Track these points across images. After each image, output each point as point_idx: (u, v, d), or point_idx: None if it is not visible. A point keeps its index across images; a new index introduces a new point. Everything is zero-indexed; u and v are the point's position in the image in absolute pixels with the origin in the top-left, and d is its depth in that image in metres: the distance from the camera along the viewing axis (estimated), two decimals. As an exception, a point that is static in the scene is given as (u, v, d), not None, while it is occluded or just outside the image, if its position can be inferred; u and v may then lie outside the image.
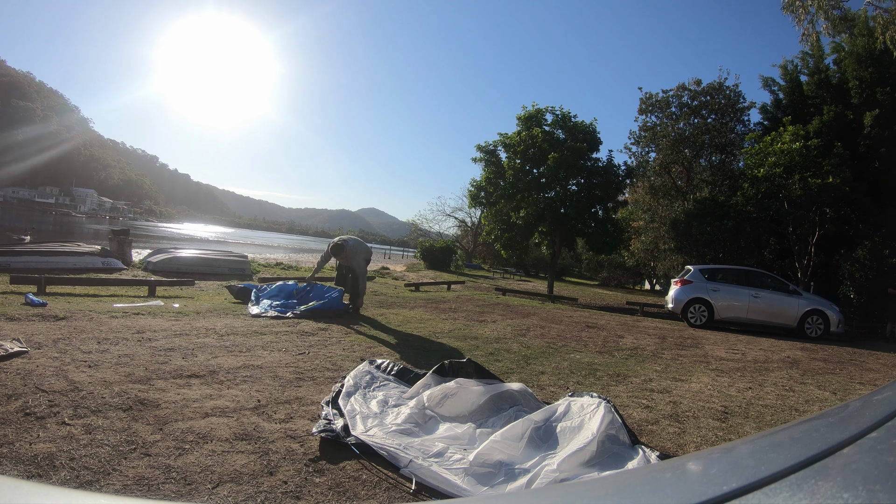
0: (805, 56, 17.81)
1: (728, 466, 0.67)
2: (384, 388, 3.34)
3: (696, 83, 19.36)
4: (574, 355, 5.38)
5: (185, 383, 3.16)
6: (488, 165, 17.79)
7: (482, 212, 21.45)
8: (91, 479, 1.93)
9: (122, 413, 2.58)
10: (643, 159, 20.87)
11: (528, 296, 13.70)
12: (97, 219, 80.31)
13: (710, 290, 10.21)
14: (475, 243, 35.68)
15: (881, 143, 14.61)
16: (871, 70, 15.19)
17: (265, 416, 2.75)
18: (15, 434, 2.23)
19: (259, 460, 2.20)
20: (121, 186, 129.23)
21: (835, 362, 6.71)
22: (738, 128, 19.29)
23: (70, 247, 10.75)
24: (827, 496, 0.45)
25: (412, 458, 2.32)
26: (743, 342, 7.94)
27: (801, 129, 14.14)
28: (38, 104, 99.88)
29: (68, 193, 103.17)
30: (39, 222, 43.64)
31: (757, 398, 4.26)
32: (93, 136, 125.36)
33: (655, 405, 3.72)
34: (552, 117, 17.25)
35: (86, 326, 4.53)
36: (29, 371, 3.09)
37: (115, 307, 5.74)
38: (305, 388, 3.33)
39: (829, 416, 0.84)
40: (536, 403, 3.12)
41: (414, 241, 35.75)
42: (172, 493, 1.89)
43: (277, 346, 4.44)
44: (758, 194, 14.45)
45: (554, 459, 2.34)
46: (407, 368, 3.73)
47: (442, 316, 7.51)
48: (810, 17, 8.98)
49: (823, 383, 5.20)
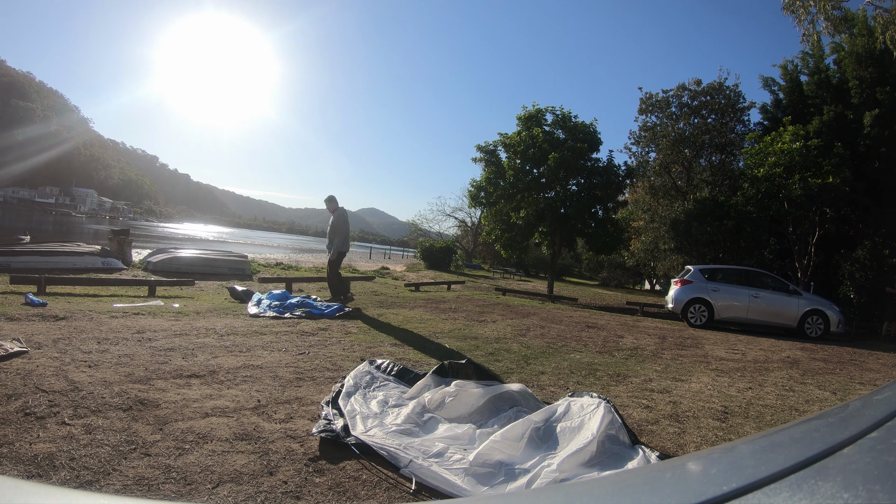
0: (805, 56, 17.83)
1: (728, 466, 0.67)
2: (384, 389, 3.34)
3: (696, 83, 19.35)
4: (574, 355, 5.38)
5: (185, 383, 3.16)
6: (488, 165, 17.79)
7: (482, 212, 21.44)
8: (91, 479, 1.93)
9: (122, 413, 2.58)
10: (643, 159, 20.86)
11: (528, 296, 13.70)
12: (97, 219, 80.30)
13: (710, 290, 10.21)
14: (475, 243, 35.68)
15: (881, 143, 14.61)
16: (870, 70, 15.19)
17: (265, 416, 2.75)
18: (15, 434, 2.23)
19: (259, 460, 2.20)
20: (121, 186, 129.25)
21: (835, 362, 6.71)
22: (738, 128, 19.29)
23: (70, 247, 10.75)
24: (827, 496, 0.45)
25: (412, 458, 2.32)
26: (743, 342, 7.94)
27: (801, 129, 14.13)
28: (38, 104, 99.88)
29: (68, 193, 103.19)
30: (39, 222, 43.66)
31: (757, 398, 4.26)
32: (93, 136, 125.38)
33: (655, 405, 3.72)
34: (552, 117, 17.25)
35: (86, 326, 4.53)
36: (29, 371, 3.09)
37: (115, 307, 5.74)
38: (305, 388, 3.33)
39: (829, 416, 0.84)
40: (536, 404, 3.12)
41: (414, 241, 35.75)
42: (172, 493, 1.89)
43: (277, 346, 4.44)
44: (758, 194, 14.45)
45: (554, 459, 2.34)
46: (407, 369, 3.73)
47: (442, 316, 7.51)
48: (811, 18, 8.99)
49: (823, 383, 5.20)
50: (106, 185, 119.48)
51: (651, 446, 2.76)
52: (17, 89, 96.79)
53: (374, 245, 59.40)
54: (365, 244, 63.02)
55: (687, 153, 19.75)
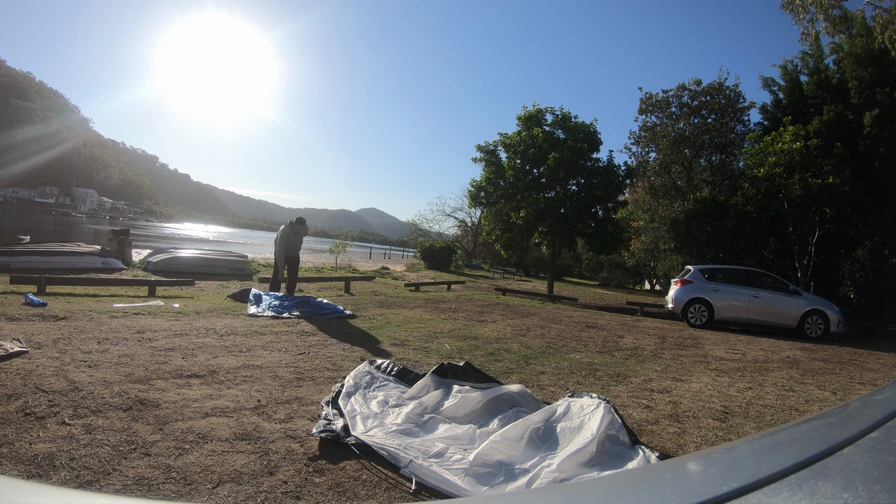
0: (805, 56, 17.82)
1: (728, 466, 0.67)
2: (384, 389, 3.34)
3: (696, 83, 19.34)
4: (574, 355, 5.38)
5: (185, 383, 3.16)
6: (488, 165, 17.78)
7: (482, 212, 21.42)
8: (91, 479, 1.93)
9: (122, 413, 2.58)
10: (643, 159, 20.85)
11: (528, 296, 13.70)
12: (97, 219, 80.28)
13: (710, 290, 10.21)
14: (475, 243, 35.67)
15: (881, 143, 14.61)
16: (870, 70, 15.19)
17: (265, 416, 2.75)
18: (15, 434, 2.23)
19: (259, 460, 2.20)
20: (121, 186, 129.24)
21: (835, 362, 6.71)
22: (738, 128, 19.28)
23: (70, 247, 10.75)
24: (827, 496, 0.45)
25: (412, 458, 2.32)
26: (743, 342, 7.94)
27: (801, 129, 14.13)
28: (38, 104, 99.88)
29: (68, 193, 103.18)
30: (39, 222, 43.62)
31: (757, 398, 4.26)
32: (93, 136, 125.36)
33: (655, 405, 3.72)
34: (552, 117, 17.25)
35: (86, 326, 4.53)
36: (29, 371, 3.09)
37: (115, 307, 5.74)
38: (305, 388, 3.33)
39: (829, 416, 0.84)
40: (536, 404, 3.12)
41: (414, 241, 35.70)
42: (172, 493, 1.89)
43: (277, 346, 4.44)
44: (758, 194, 14.44)
45: (554, 460, 2.34)
46: (407, 369, 3.73)
47: (442, 316, 7.51)
48: (810, 17, 9.00)
49: (823, 383, 5.20)
50: (106, 185, 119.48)
51: (651, 446, 2.76)
52: (17, 89, 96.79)
53: (374, 245, 59.34)
54: (365, 244, 62.97)
55: (687, 153, 19.74)
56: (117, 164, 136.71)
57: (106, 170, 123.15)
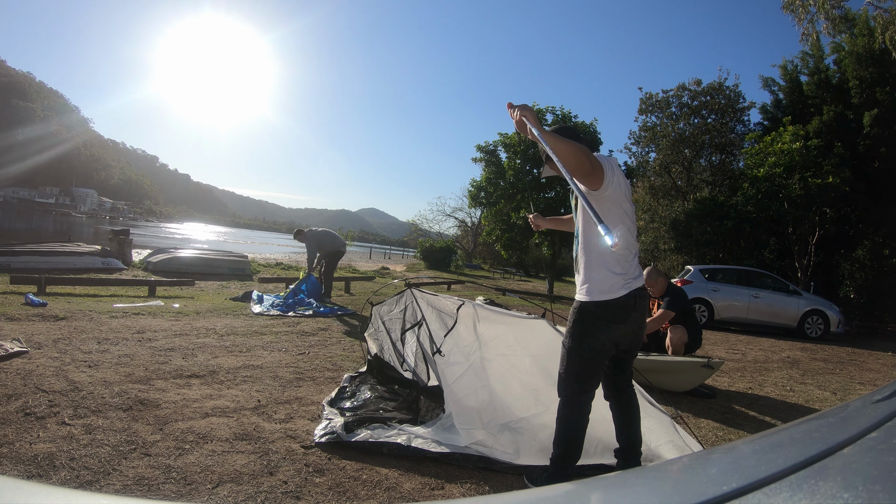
0: (805, 56, 17.82)
1: (728, 466, 0.67)
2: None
3: (696, 83, 19.33)
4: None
5: (185, 383, 3.16)
6: (488, 165, 17.78)
7: (482, 212, 21.41)
8: (91, 479, 1.93)
9: (122, 413, 2.58)
10: (643, 159, 20.85)
11: (528, 296, 13.70)
12: (97, 219, 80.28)
13: (710, 290, 10.20)
14: (475, 243, 35.64)
15: (881, 143, 14.60)
16: (870, 70, 15.18)
17: (265, 416, 2.74)
18: (15, 434, 2.23)
19: (259, 460, 2.20)
20: (121, 186, 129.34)
21: (835, 362, 6.71)
22: (738, 128, 19.26)
23: (70, 247, 10.75)
24: (827, 496, 0.45)
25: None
26: (743, 342, 7.94)
27: (801, 129, 14.13)
28: (38, 104, 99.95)
29: (68, 193, 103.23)
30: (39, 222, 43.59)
31: (757, 398, 4.26)
32: (93, 136, 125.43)
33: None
34: (552, 117, 17.24)
35: (86, 326, 4.53)
36: (29, 371, 3.09)
37: (115, 307, 5.74)
38: (305, 388, 3.33)
39: (829, 416, 0.84)
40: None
41: (414, 241, 35.68)
42: (172, 493, 1.89)
43: (277, 346, 4.44)
44: (758, 194, 14.44)
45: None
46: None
47: (442, 316, 7.50)
48: (810, 17, 8.99)
49: (823, 383, 5.20)
50: (106, 185, 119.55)
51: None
52: (17, 89, 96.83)
53: (374, 245, 59.33)
54: (365, 244, 62.95)
55: (687, 153, 19.74)
56: (117, 164, 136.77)
57: (106, 170, 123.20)
